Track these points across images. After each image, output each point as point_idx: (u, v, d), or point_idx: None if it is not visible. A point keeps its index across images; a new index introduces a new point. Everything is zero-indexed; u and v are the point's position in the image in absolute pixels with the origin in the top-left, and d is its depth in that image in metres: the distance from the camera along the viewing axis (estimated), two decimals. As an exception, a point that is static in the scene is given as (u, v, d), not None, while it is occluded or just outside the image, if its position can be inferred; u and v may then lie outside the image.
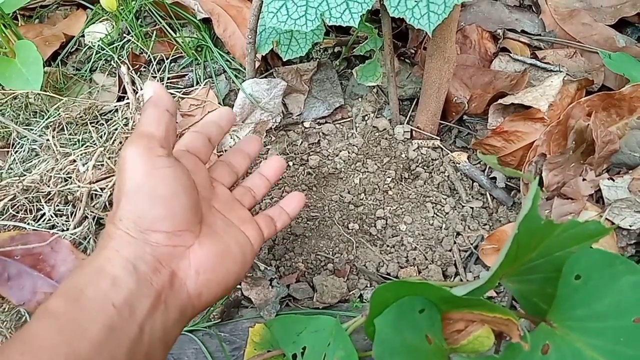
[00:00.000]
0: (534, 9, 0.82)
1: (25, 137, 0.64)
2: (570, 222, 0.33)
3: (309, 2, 0.57)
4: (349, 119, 0.74)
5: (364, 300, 0.58)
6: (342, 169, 0.68)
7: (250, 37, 0.67)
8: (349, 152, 0.69)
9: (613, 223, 0.56)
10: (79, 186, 0.53)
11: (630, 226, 0.55)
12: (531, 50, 0.76)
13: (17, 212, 0.56)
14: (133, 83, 0.70)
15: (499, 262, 0.32)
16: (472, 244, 0.61)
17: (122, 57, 0.76)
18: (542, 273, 0.37)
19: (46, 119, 0.66)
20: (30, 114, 0.70)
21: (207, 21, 0.81)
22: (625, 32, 0.78)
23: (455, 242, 0.62)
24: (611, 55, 0.67)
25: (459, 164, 0.67)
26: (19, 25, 0.88)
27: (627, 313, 0.32)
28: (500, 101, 0.64)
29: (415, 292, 0.37)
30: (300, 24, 0.58)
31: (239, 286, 0.58)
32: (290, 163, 0.69)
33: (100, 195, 0.53)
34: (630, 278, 0.33)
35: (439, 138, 0.69)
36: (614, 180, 0.56)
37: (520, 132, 0.62)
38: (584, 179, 0.58)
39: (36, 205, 0.57)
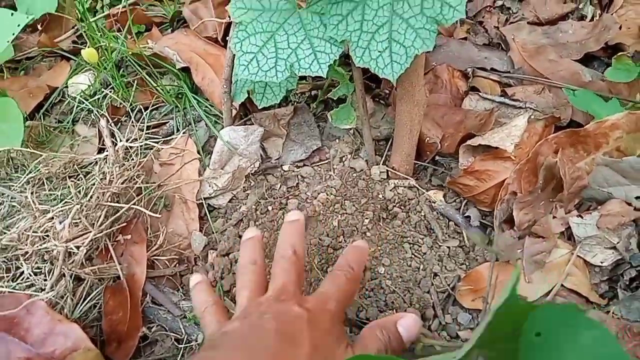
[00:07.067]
0: (502, 46, 0.84)
1: (6, 194, 0.65)
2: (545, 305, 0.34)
3: (279, 54, 0.59)
4: (326, 161, 0.75)
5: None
6: (321, 212, 0.69)
7: (225, 86, 0.69)
8: (327, 194, 0.70)
9: (585, 260, 0.57)
10: (55, 245, 0.54)
11: (602, 263, 0.56)
12: (501, 87, 0.78)
13: (-4, 271, 0.56)
14: (112, 136, 0.71)
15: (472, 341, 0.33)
16: (449, 285, 0.62)
17: (102, 110, 0.78)
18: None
19: (26, 175, 0.67)
20: (11, 169, 0.72)
21: (186, 69, 0.83)
22: (592, 65, 0.79)
23: (432, 284, 0.62)
24: (575, 92, 0.69)
25: (434, 202, 0.68)
26: (5, 77, 0.90)
27: (589, 370, 0.32)
28: (468, 142, 0.65)
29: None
30: (270, 75, 0.59)
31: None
32: (270, 207, 0.70)
33: (77, 253, 0.54)
34: (589, 333, 0.33)
35: (413, 178, 0.70)
36: (582, 218, 0.57)
37: (490, 171, 0.64)
38: (554, 217, 0.58)
39: (15, 263, 0.57)
